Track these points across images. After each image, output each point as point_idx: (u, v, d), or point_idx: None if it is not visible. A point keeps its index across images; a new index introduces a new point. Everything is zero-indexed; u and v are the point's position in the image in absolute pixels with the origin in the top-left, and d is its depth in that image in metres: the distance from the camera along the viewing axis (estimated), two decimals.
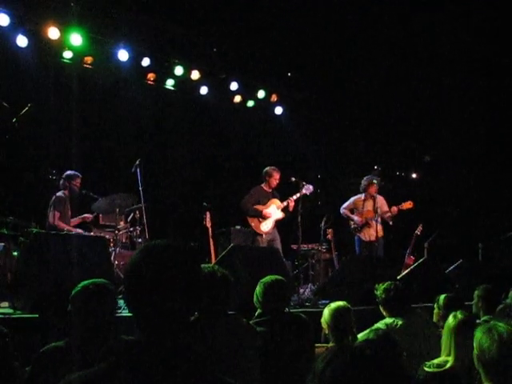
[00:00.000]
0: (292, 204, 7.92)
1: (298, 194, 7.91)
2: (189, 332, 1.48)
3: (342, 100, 11.23)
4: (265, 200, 8.09)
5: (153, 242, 1.55)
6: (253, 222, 8.02)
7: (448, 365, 3.02)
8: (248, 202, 8.04)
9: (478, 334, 2.51)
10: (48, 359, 2.64)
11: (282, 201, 8.06)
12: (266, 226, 8.02)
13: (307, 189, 7.94)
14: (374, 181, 8.51)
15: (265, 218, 7.98)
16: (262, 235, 8.00)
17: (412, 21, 9.52)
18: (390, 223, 8.53)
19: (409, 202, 8.49)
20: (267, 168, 8.20)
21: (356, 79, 10.68)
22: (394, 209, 8.38)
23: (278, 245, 8.07)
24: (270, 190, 8.17)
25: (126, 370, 1.38)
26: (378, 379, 1.19)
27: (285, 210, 8.00)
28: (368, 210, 8.46)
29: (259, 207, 8.02)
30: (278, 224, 8.15)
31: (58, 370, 2.53)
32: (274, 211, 8.05)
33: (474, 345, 2.51)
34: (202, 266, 3.02)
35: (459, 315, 3.24)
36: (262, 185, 8.20)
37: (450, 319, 3.25)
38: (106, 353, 1.41)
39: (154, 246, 1.53)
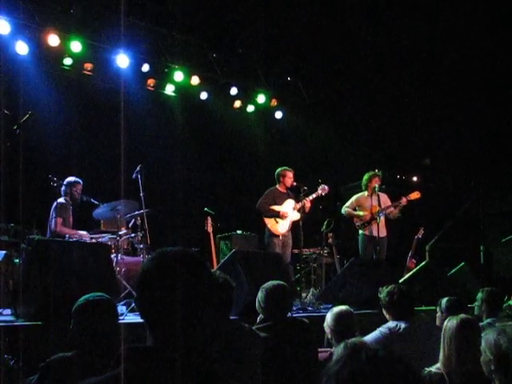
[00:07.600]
0: (308, 205, 7.78)
1: (315, 195, 7.86)
2: (203, 337, 1.48)
3: (342, 104, 11.24)
4: (280, 201, 7.99)
5: (164, 249, 1.55)
6: (269, 224, 7.92)
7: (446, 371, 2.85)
8: (264, 202, 7.96)
9: (491, 338, 2.43)
10: (56, 369, 2.64)
11: (297, 202, 7.91)
12: (283, 227, 7.92)
13: (323, 189, 7.89)
14: (377, 171, 8.35)
15: (282, 218, 7.89)
16: (278, 237, 7.89)
17: (412, 28, 9.54)
18: (391, 217, 8.30)
19: (416, 192, 8.29)
20: (279, 169, 8.13)
21: (356, 83, 10.69)
22: (404, 200, 8.12)
23: (289, 247, 8.00)
24: (286, 191, 8.08)
25: (138, 377, 1.38)
26: (397, 379, 1.19)
27: (301, 211, 7.77)
28: (373, 205, 8.21)
29: (276, 208, 7.93)
30: None
31: (65, 381, 2.53)
32: (291, 212, 7.95)
33: (487, 349, 2.43)
34: None
35: (461, 316, 3.06)
36: (277, 186, 8.10)
37: (449, 322, 3.06)
38: (117, 360, 1.41)
39: (165, 253, 1.53)
